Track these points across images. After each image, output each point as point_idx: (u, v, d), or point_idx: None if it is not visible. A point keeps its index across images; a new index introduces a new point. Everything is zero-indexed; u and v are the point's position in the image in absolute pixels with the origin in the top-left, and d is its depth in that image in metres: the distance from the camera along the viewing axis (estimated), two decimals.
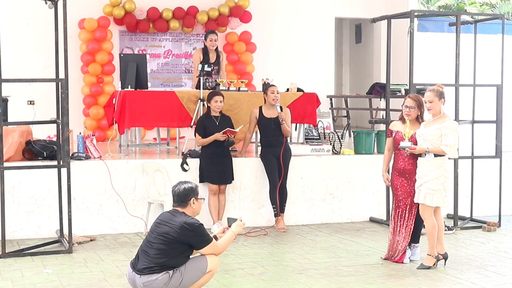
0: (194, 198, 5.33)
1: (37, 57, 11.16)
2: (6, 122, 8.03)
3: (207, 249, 5.30)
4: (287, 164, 8.62)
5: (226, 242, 5.44)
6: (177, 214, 5.29)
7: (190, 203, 5.32)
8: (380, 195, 9.26)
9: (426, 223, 6.67)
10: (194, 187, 5.37)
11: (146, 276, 5.17)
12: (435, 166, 6.53)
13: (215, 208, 8.39)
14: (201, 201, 5.41)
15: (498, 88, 8.99)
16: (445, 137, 6.47)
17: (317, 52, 12.98)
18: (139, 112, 8.86)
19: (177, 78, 12.36)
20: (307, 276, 6.38)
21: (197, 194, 5.36)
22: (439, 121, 6.57)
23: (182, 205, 5.33)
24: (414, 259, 6.98)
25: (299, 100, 9.55)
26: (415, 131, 6.71)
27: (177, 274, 5.21)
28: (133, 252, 7.32)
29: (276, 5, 12.77)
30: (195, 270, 5.28)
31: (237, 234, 5.55)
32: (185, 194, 5.31)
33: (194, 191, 5.34)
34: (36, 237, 7.98)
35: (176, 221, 5.20)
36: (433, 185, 6.54)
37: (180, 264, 5.25)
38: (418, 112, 6.82)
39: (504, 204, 9.37)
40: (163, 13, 11.86)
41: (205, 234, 5.29)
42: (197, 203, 5.36)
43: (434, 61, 12.29)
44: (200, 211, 5.42)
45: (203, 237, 5.27)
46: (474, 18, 9.97)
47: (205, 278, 5.35)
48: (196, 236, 5.23)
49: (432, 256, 6.69)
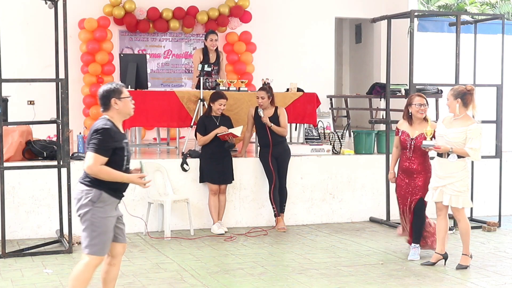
0: (115, 98, 4.85)
1: (37, 57, 11.16)
2: (6, 122, 8.02)
3: (88, 155, 4.71)
4: (286, 164, 8.63)
5: (112, 174, 4.74)
6: (97, 121, 4.85)
7: (112, 104, 4.85)
8: (380, 195, 9.26)
9: (461, 224, 6.68)
10: (114, 87, 4.89)
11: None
12: (459, 168, 6.54)
13: (215, 208, 8.39)
14: (127, 99, 4.93)
15: (498, 88, 8.99)
16: (470, 140, 6.45)
17: (317, 52, 12.98)
18: (139, 112, 8.82)
19: (177, 78, 12.36)
20: (307, 276, 6.38)
21: (120, 93, 4.88)
22: (462, 123, 6.52)
23: (105, 108, 4.87)
24: (413, 259, 6.98)
25: (299, 100, 9.55)
26: (427, 130, 6.74)
27: (92, 196, 4.73)
28: (133, 252, 7.34)
29: (276, 5, 12.77)
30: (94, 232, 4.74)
31: (129, 182, 4.90)
32: (105, 96, 4.86)
33: (114, 91, 4.87)
34: (36, 237, 7.98)
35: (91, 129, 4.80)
36: (459, 187, 6.55)
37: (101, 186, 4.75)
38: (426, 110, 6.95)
39: (504, 204, 9.37)
40: (163, 13, 11.86)
41: (100, 140, 4.69)
42: (121, 103, 4.88)
43: (434, 61, 12.30)
44: (130, 110, 4.97)
45: (94, 141, 4.68)
46: (474, 18, 9.98)
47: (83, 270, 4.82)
48: (90, 138, 4.72)
49: (468, 256, 6.71)
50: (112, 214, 4.84)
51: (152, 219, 8.35)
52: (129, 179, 4.84)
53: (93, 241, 4.75)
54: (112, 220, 4.83)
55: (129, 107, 4.97)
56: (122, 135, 4.90)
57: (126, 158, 4.89)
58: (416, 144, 6.90)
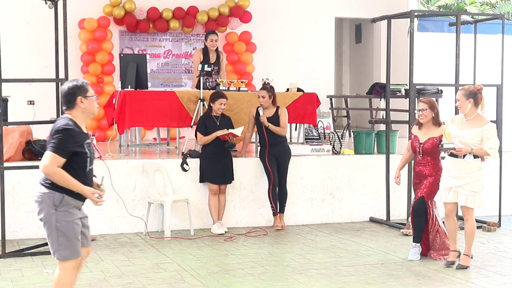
0: (81, 96, 4.63)
1: (37, 57, 11.16)
2: (6, 122, 8.03)
3: (45, 155, 4.53)
4: (286, 164, 8.62)
5: (67, 179, 4.53)
6: (58, 120, 4.66)
7: (78, 103, 4.62)
8: (380, 195, 9.26)
9: (469, 224, 6.65)
10: (80, 84, 4.67)
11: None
12: (475, 168, 6.53)
13: (215, 208, 8.39)
14: (93, 98, 4.71)
15: (498, 88, 8.98)
16: (487, 140, 6.44)
17: (317, 52, 12.98)
18: (139, 112, 8.86)
19: (177, 78, 12.36)
20: (307, 276, 6.38)
21: (86, 91, 4.66)
22: (476, 123, 6.49)
23: (69, 106, 4.65)
24: (413, 259, 6.99)
25: (299, 100, 9.55)
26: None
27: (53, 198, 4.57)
28: (133, 252, 7.34)
29: (276, 5, 12.77)
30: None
31: (83, 193, 4.65)
32: (69, 94, 4.63)
33: (80, 89, 4.64)
34: (36, 237, 7.98)
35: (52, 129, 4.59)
36: (475, 187, 6.55)
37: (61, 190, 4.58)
38: (432, 113, 6.91)
39: (504, 204, 9.37)
40: (163, 13, 11.86)
41: (60, 140, 4.50)
42: (87, 101, 4.65)
43: (434, 61, 12.30)
44: (95, 110, 4.76)
45: (54, 140, 4.50)
46: (474, 18, 9.98)
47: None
48: (51, 137, 4.54)
49: (469, 256, 6.72)
50: (77, 216, 4.67)
51: (152, 219, 8.35)
52: (83, 190, 4.60)
53: (62, 246, 4.57)
54: (78, 223, 4.66)
55: (94, 106, 4.74)
56: (85, 135, 4.69)
57: (89, 160, 4.69)
58: (424, 148, 6.92)
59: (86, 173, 4.68)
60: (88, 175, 4.72)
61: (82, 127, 4.69)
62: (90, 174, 4.75)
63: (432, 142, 6.89)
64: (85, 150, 4.63)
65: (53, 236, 4.60)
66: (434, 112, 6.92)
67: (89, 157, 4.69)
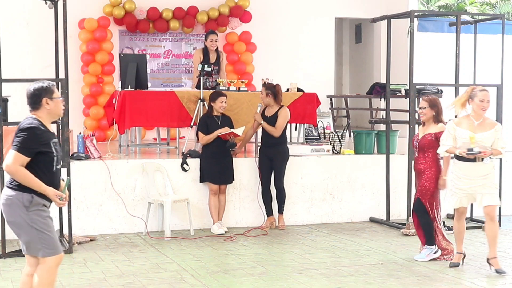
0: (46, 98, 4.60)
1: (37, 57, 11.16)
2: (6, 122, 8.01)
3: (9, 153, 4.50)
4: (280, 166, 8.51)
5: (29, 179, 4.49)
6: (23, 120, 4.61)
7: (43, 104, 4.60)
8: (380, 195, 9.26)
9: (494, 224, 6.61)
10: (46, 86, 4.63)
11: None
12: (492, 168, 6.55)
13: (215, 208, 8.39)
14: (59, 100, 4.68)
15: (498, 88, 8.98)
16: (498, 140, 6.44)
17: (317, 52, 12.98)
18: (139, 112, 8.86)
19: (177, 78, 12.36)
20: (307, 276, 6.38)
21: (52, 92, 4.63)
22: (487, 125, 6.46)
23: (35, 107, 4.61)
24: (420, 259, 6.97)
25: (299, 100, 9.55)
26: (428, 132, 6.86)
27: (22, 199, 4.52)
28: (133, 252, 7.34)
29: (276, 5, 12.77)
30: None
31: (45, 194, 4.57)
32: (35, 95, 4.60)
33: (46, 90, 4.62)
34: None
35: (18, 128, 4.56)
36: (493, 186, 6.56)
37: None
38: (432, 112, 6.92)
39: (504, 204, 9.34)
40: (163, 13, 11.86)
41: (24, 139, 4.48)
42: (52, 103, 4.63)
43: (434, 61, 12.30)
44: (61, 111, 4.74)
45: (18, 139, 4.47)
46: (474, 18, 9.98)
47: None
48: (15, 136, 4.51)
49: (497, 258, 6.63)
50: (48, 214, 4.63)
51: (152, 219, 8.35)
52: (45, 191, 4.53)
53: (46, 243, 4.55)
54: (52, 219, 4.63)
55: (60, 107, 4.71)
56: (51, 134, 4.66)
57: (55, 159, 4.64)
58: (420, 144, 6.97)
59: (53, 172, 4.64)
60: (55, 175, 4.68)
61: (48, 127, 4.66)
62: (57, 174, 4.70)
63: (427, 138, 6.91)
64: (52, 150, 4.60)
65: (32, 237, 4.55)
66: (435, 110, 6.93)
67: (56, 157, 4.64)
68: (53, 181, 4.62)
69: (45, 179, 4.56)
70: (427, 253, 7.01)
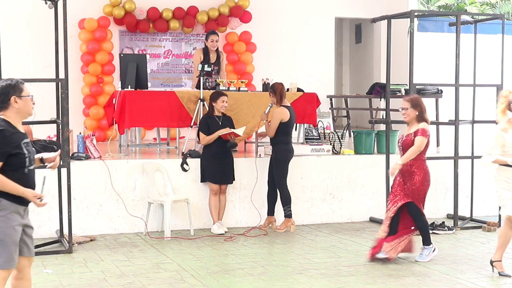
0: (15, 96, 4.41)
1: (37, 57, 11.16)
2: None
3: None
4: (275, 168, 8.45)
5: (4, 183, 4.33)
6: None
7: (11, 103, 4.40)
8: (380, 195, 9.26)
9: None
10: (14, 83, 4.45)
11: None
12: None
13: (216, 208, 8.39)
14: (28, 98, 4.49)
15: (498, 88, 8.98)
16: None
17: (317, 52, 12.98)
18: (139, 112, 8.86)
19: (177, 78, 12.36)
20: (307, 276, 6.38)
21: (20, 91, 4.44)
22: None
23: (2, 107, 4.41)
24: (420, 260, 6.94)
25: (299, 100, 9.55)
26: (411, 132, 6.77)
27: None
28: (133, 252, 7.34)
29: (276, 5, 12.77)
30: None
31: (24, 196, 4.43)
32: (3, 94, 4.40)
33: (14, 88, 4.42)
34: (36, 237, 7.89)
35: None
36: None
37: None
38: (415, 112, 6.83)
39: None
40: (163, 13, 11.86)
41: None
42: (21, 102, 4.44)
43: (434, 61, 12.30)
44: (30, 110, 4.54)
45: None
46: (474, 18, 9.98)
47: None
48: None
49: (501, 262, 6.48)
50: (16, 222, 4.38)
51: (152, 219, 8.35)
52: (24, 193, 4.36)
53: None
54: (18, 230, 4.39)
55: (29, 106, 4.51)
56: (22, 135, 4.45)
57: (27, 160, 4.45)
58: (403, 144, 6.90)
59: (26, 174, 4.45)
60: (29, 176, 4.49)
61: (18, 127, 4.47)
62: (30, 175, 4.51)
63: (410, 138, 6.83)
64: (23, 151, 4.41)
65: None
66: (418, 110, 6.82)
67: (28, 158, 4.45)
68: (27, 182, 4.44)
69: (18, 181, 4.37)
70: (427, 253, 6.99)
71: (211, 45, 9.88)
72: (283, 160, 8.45)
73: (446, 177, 9.59)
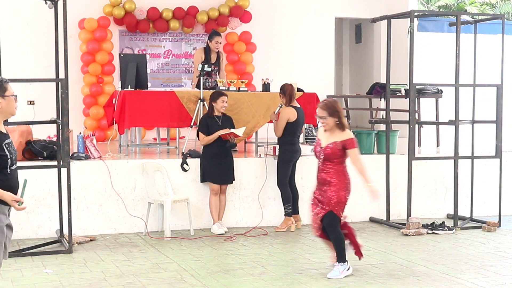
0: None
1: (37, 57, 11.16)
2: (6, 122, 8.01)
3: None
4: (277, 165, 8.56)
5: None
6: None
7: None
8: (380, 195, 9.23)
9: None
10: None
11: None
12: None
13: (216, 208, 8.39)
14: (11, 98, 4.37)
15: (498, 88, 8.99)
16: None
17: (317, 52, 12.97)
18: (139, 112, 8.87)
19: (177, 78, 12.36)
20: (307, 276, 6.38)
21: (4, 90, 4.34)
22: None
23: None
24: (334, 277, 6.32)
25: (299, 100, 9.50)
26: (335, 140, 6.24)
27: None
28: (133, 252, 7.34)
29: (276, 5, 12.77)
30: None
31: (3, 199, 4.31)
32: None
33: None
34: (36, 237, 7.98)
35: None
36: None
37: None
38: (334, 119, 6.22)
39: (504, 204, 9.37)
40: (163, 13, 11.86)
41: None
42: (4, 101, 4.32)
43: (434, 61, 12.30)
44: (14, 110, 4.42)
45: None
46: (474, 18, 9.98)
47: None
48: None
49: None
50: (3, 224, 4.34)
51: (152, 219, 8.36)
52: (2, 196, 4.22)
53: None
54: (4, 231, 4.35)
55: (12, 106, 4.39)
56: (3, 135, 4.34)
57: (9, 161, 4.30)
58: (325, 153, 6.30)
59: (8, 174, 4.31)
60: (12, 177, 4.35)
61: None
62: (13, 176, 4.37)
63: (333, 147, 6.26)
64: (4, 152, 4.28)
65: None
66: (336, 116, 6.21)
67: (10, 158, 4.32)
68: (9, 184, 4.31)
69: (1, 182, 4.27)
70: (341, 270, 6.36)
71: (215, 47, 9.86)
72: (287, 159, 8.53)
73: (446, 177, 9.59)
